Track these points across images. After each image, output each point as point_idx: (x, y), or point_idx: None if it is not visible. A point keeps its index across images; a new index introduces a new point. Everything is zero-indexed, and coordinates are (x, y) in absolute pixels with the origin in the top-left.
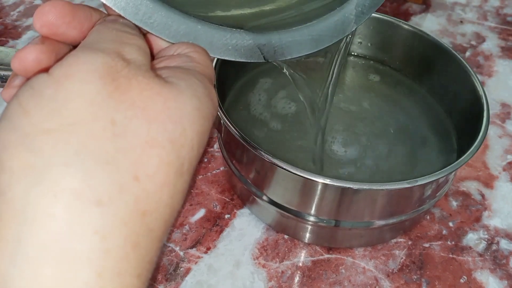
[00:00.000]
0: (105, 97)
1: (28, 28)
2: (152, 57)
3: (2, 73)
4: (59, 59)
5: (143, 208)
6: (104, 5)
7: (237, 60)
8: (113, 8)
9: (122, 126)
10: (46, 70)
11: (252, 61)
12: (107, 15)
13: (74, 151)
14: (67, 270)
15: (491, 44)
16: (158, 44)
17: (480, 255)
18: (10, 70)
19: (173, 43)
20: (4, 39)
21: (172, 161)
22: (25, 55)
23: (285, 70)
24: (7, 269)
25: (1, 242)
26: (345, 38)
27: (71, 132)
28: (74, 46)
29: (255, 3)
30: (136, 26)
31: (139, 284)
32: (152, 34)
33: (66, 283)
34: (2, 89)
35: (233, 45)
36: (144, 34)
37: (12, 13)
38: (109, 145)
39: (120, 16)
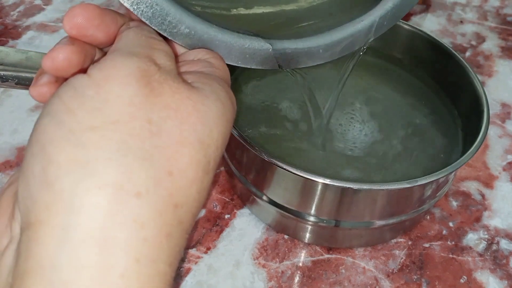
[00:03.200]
0: (141, 99)
1: (28, 28)
2: None
3: (2, 73)
4: (88, 60)
5: (175, 201)
6: (128, 10)
7: (252, 67)
8: (140, 17)
9: (157, 125)
10: (81, 71)
11: (266, 68)
12: (130, 20)
13: (116, 147)
14: (110, 255)
15: (491, 44)
16: (178, 48)
17: (480, 255)
18: (10, 70)
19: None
20: (4, 39)
21: (200, 159)
22: (57, 54)
23: (297, 78)
24: (55, 254)
25: (50, 229)
26: (360, 48)
27: (113, 129)
28: (100, 48)
29: (277, 1)
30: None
31: (171, 272)
32: (174, 42)
33: (108, 267)
34: (1, 89)
35: (250, 53)
36: (165, 38)
37: (12, 13)
38: (147, 143)
39: (142, 21)
